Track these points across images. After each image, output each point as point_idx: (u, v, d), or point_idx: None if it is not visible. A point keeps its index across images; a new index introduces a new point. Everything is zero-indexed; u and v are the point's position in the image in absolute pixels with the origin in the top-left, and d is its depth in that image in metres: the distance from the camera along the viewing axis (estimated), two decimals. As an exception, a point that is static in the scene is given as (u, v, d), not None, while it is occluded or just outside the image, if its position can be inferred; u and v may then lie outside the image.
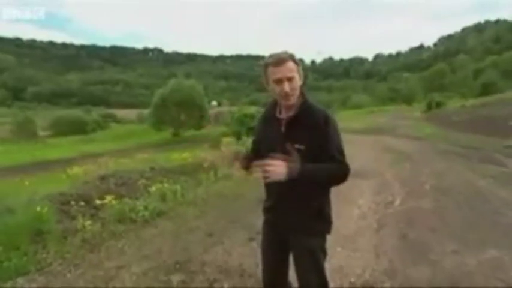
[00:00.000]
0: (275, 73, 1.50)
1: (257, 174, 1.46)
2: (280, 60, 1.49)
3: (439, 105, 29.68)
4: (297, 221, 1.60)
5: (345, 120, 25.63)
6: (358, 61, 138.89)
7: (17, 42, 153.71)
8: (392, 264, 2.83)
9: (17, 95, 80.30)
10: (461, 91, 45.39)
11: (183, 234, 3.48)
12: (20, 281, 2.63)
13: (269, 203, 1.71)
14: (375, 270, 2.74)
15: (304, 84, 1.58)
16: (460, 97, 39.01)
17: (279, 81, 1.50)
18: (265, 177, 1.38)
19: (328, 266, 2.77)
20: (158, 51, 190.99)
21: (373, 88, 72.36)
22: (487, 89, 35.41)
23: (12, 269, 2.73)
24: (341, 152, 1.53)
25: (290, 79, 1.49)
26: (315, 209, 1.59)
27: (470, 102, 26.23)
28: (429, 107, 30.24)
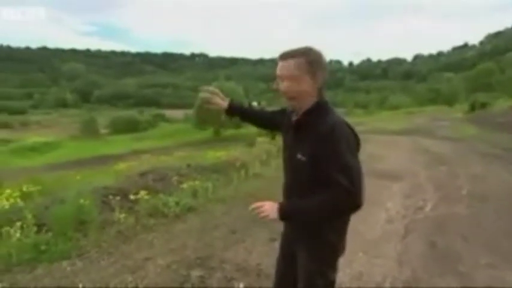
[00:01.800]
0: (278, 68, 1.32)
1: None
2: (285, 54, 1.29)
3: (483, 105, 27.00)
4: (299, 239, 1.45)
5: (381, 121, 24.39)
6: (396, 62, 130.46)
7: (86, 53, 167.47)
8: (416, 274, 2.56)
9: (85, 98, 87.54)
10: (510, 91, 40.84)
11: (208, 231, 3.48)
12: (64, 264, 2.79)
13: None
14: (396, 278, 2.50)
15: (322, 87, 1.34)
16: (509, 97, 35.12)
17: (279, 78, 1.32)
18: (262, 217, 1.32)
19: (349, 270, 2.61)
20: (204, 56, 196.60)
21: (412, 89, 67.76)
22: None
23: (58, 253, 2.91)
24: (350, 177, 1.20)
25: (289, 78, 1.28)
26: (315, 232, 1.38)
27: (520, 102, 23.54)
28: (472, 108, 27.65)
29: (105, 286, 2.39)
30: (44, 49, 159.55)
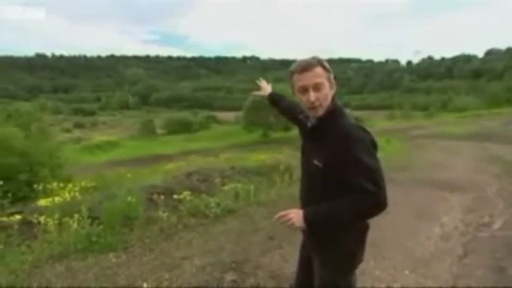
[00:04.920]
0: (300, 80, 1.31)
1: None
2: (306, 66, 1.29)
3: None
4: (314, 246, 1.45)
5: (444, 125, 22.25)
6: (464, 59, 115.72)
7: (146, 60, 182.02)
8: (475, 303, 2.24)
9: (145, 100, 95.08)
10: None
11: (246, 234, 3.47)
12: (110, 255, 3.01)
13: None
14: (450, 305, 2.21)
15: (335, 94, 1.36)
16: None
17: (304, 90, 1.29)
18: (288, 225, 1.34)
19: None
20: (255, 59, 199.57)
21: (483, 88, 60.47)
22: None
23: (106, 245, 3.16)
24: (373, 180, 1.20)
25: (317, 86, 1.27)
26: (329, 239, 1.35)
27: None
28: (561, 110, 23.76)
29: (143, 281, 2.51)
30: (111, 57, 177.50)
